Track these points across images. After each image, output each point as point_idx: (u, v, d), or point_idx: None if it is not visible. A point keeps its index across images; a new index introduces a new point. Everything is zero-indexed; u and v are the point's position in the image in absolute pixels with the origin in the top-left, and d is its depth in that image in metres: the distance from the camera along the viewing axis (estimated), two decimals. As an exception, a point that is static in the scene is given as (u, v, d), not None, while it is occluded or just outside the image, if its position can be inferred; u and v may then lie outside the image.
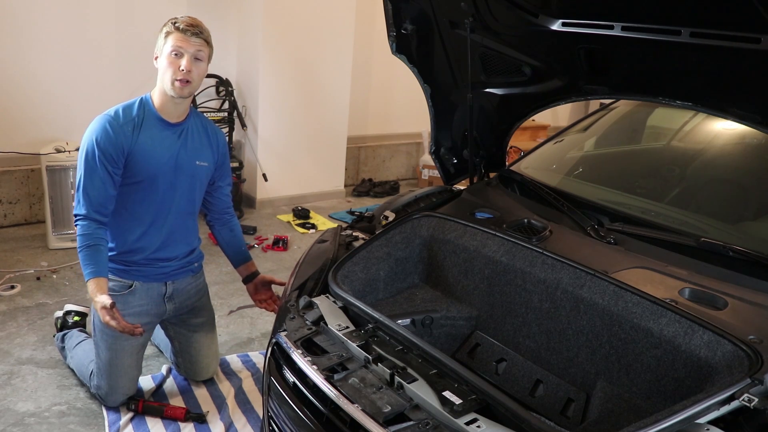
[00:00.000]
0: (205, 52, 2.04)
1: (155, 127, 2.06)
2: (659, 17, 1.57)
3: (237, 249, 2.40)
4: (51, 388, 2.37)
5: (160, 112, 2.07)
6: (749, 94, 1.64)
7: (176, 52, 1.98)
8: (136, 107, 2.06)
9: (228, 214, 2.39)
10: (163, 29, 2.01)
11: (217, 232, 2.40)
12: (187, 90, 2.02)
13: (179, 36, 1.98)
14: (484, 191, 2.32)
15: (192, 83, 2.02)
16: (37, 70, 3.82)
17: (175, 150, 2.09)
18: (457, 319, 1.86)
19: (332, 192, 5.24)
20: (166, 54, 1.99)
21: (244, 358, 2.67)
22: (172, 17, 2.02)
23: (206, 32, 2.04)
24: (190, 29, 1.98)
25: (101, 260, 1.99)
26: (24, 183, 3.95)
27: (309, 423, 1.39)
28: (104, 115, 2.02)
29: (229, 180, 2.37)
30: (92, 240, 1.98)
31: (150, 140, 2.04)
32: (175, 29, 1.98)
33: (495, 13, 1.94)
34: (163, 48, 2.01)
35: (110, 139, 1.98)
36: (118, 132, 1.99)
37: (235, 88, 4.55)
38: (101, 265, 1.98)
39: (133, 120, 2.03)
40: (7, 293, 3.05)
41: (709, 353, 1.36)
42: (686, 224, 1.92)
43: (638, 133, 2.64)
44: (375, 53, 5.41)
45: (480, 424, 1.21)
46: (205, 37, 2.02)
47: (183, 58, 1.98)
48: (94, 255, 1.97)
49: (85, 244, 1.97)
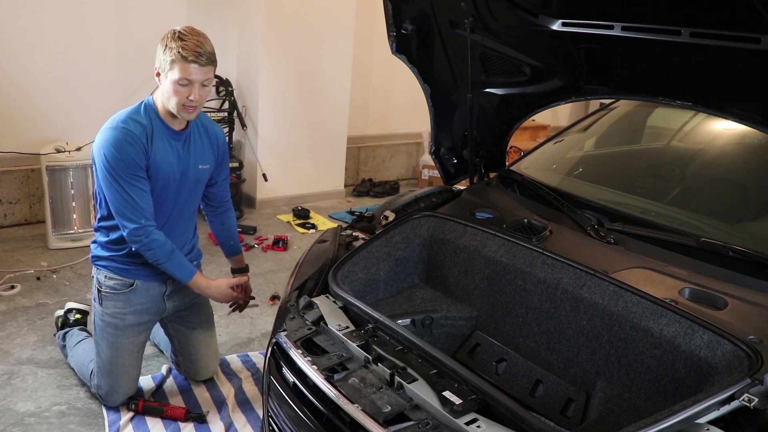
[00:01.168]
0: (212, 74, 1.96)
1: (163, 137, 2.03)
2: (659, 17, 1.57)
3: (226, 242, 2.45)
4: (51, 388, 2.37)
5: (165, 120, 2.04)
6: (749, 94, 1.64)
7: (183, 84, 1.90)
8: (143, 114, 2.00)
9: (223, 207, 2.39)
10: (167, 52, 1.88)
11: (210, 223, 2.44)
12: (195, 114, 2.01)
13: (186, 67, 1.87)
14: (484, 191, 2.32)
15: (198, 107, 1.99)
16: (37, 70, 3.82)
17: (181, 158, 2.09)
18: (457, 319, 1.86)
19: (332, 192, 5.24)
20: (172, 80, 1.90)
21: (244, 358, 2.67)
22: (176, 34, 1.88)
23: (212, 53, 1.93)
24: (198, 60, 1.87)
25: (185, 261, 2.13)
26: (24, 183, 3.95)
27: (309, 423, 1.39)
28: (117, 126, 1.95)
29: (227, 174, 2.37)
30: (171, 245, 2.06)
31: (161, 150, 2.02)
32: (182, 58, 1.85)
33: (495, 13, 1.94)
34: (168, 72, 1.90)
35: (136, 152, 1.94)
36: (138, 150, 1.95)
37: (235, 88, 4.55)
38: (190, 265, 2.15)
39: (145, 129, 1.97)
40: (7, 293, 3.05)
41: (709, 353, 1.36)
42: (686, 224, 1.92)
43: (638, 133, 2.64)
44: (375, 53, 5.41)
45: (480, 424, 1.21)
46: (212, 61, 1.93)
47: (191, 88, 1.91)
48: (180, 257, 2.11)
49: (172, 248, 2.06)
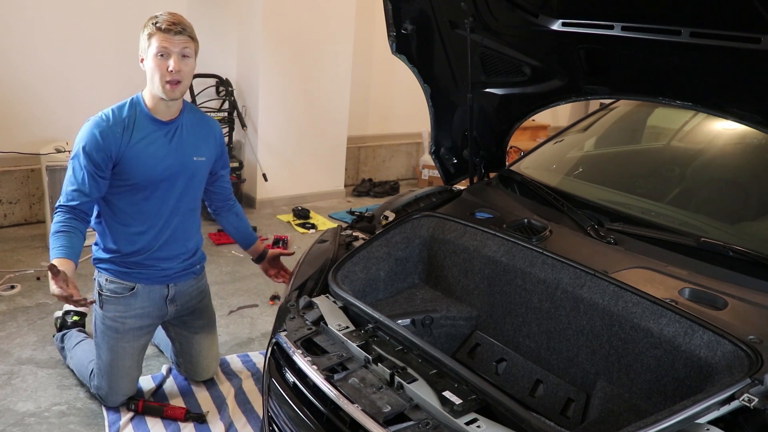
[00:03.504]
0: (192, 48, 2.00)
1: (148, 128, 2.04)
2: (659, 17, 1.57)
3: (245, 232, 2.45)
4: (51, 388, 2.36)
5: (152, 112, 2.05)
6: (749, 94, 1.64)
7: (162, 53, 1.94)
8: (126, 108, 2.04)
9: (231, 200, 2.42)
10: (145, 30, 1.96)
11: (223, 220, 2.43)
12: (179, 91, 2.00)
13: (162, 36, 1.93)
14: (484, 191, 2.32)
15: (182, 83, 1.99)
16: (37, 69, 3.82)
17: (169, 148, 2.07)
18: (457, 319, 1.86)
19: (332, 192, 5.24)
20: (152, 56, 1.95)
21: (244, 358, 2.67)
22: (152, 16, 1.97)
23: (189, 27, 1.99)
24: (173, 28, 1.93)
25: (72, 245, 1.88)
26: (24, 183, 3.95)
27: (309, 423, 1.39)
28: (95, 118, 2.00)
29: (228, 168, 2.38)
30: (65, 227, 1.90)
31: (143, 141, 2.02)
32: (157, 30, 1.93)
33: (495, 13, 1.94)
34: (147, 50, 1.96)
35: (98, 145, 1.96)
36: (107, 135, 1.97)
37: (235, 88, 4.55)
38: (71, 249, 1.86)
39: (123, 121, 2.00)
40: (7, 293, 3.05)
41: (709, 353, 1.36)
42: (686, 224, 1.92)
43: (638, 133, 2.64)
44: (375, 53, 5.41)
45: (480, 424, 1.21)
46: (189, 33, 1.97)
47: (170, 59, 1.94)
48: (65, 239, 1.87)
49: (57, 230, 1.89)
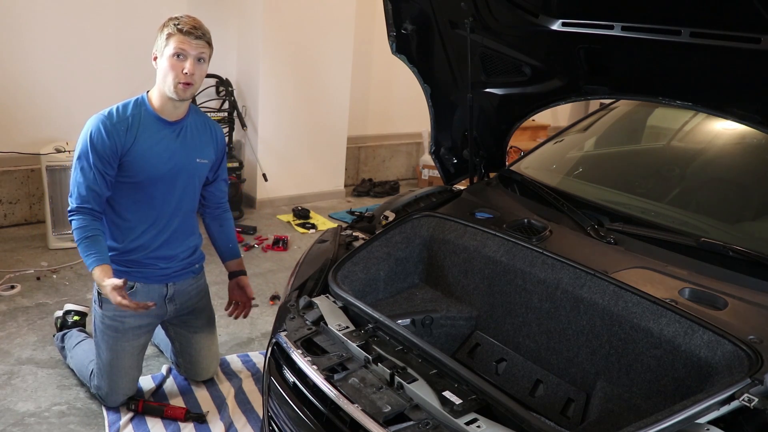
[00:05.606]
0: (207, 53, 2.03)
1: (153, 127, 2.05)
2: (659, 17, 1.57)
3: (225, 244, 2.40)
4: (51, 388, 2.36)
5: (158, 112, 2.06)
6: (749, 94, 1.64)
7: (179, 54, 1.96)
8: (131, 107, 2.05)
9: (220, 208, 2.38)
10: (164, 30, 1.98)
11: (207, 225, 2.41)
12: (189, 92, 2.02)
13: (182, 38, 1.95)
14: (484, 191, 2.32)
15: (194, 85, 2.01)
16: (37, 70, 3.82)
17: (174, 148, 2.09)
18: (457, 319, 1.86)
19: (332, 192, 5.24)
20: (168, 56, 1.97)
21: (244, 358, 2.67)
22: (173, 17, 1.99)
23: (208, 33, 2.02)
24: (193, 32, 1.96)
25: (102, 249, 1.98)
26: (24, 183, 3.95)
27: (309, 423, 1.39)
28: (99, 114, 2.02)
29: (225, 175, 2.37)
30: (89, 231, 1.97)
31: (148, 140, 2.04)
32: (178, 31, 1.95)
33: (495, 13, 1.94)
34: (164, 50, 1.98)
35: (103, 140, 1.97)
36: (111, 132, 1.98)
37: (235, 88, 4.55)
38: (103, 253, 1.98)
39: (126, 119, 2.02)
40: (7, 293, 3.05)
41: (709, 353, 1.36)
42: (686, 224, 1.92)
43: (638, 133, 2.64)
44: (375, 53, 5.41)
45: (480, 424, 1.21)
46: (207, 38, 2.00)
47: (186, 61, 1.97)
48: (94, 244, 1.97)
49: (83, 236, 1.97)
